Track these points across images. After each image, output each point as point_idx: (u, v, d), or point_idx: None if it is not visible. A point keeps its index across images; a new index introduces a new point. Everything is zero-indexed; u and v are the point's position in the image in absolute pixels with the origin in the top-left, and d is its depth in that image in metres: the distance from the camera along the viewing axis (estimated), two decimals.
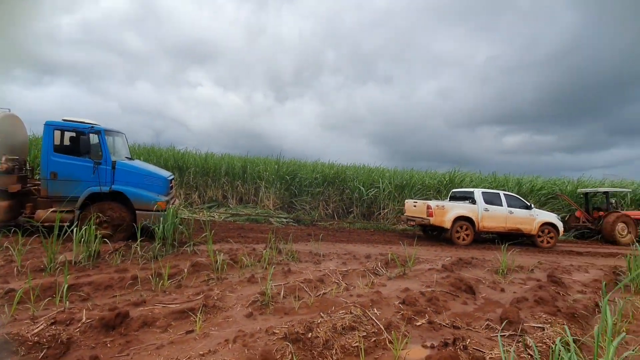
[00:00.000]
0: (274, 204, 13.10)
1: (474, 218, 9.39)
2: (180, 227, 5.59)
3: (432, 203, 9.36)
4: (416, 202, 10.05)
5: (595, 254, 9.06)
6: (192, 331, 2.85)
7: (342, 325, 2.86)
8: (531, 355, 2.54)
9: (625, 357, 2.51)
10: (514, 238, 9.82)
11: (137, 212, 6.23)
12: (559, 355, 1.90)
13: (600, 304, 3.73)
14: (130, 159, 7.58)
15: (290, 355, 2.34)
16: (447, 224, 9.13)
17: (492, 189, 12.38)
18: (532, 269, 6.07)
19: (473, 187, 13.60)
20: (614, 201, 13.07)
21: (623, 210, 12.60)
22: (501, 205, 9.78)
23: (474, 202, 9.70)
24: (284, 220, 11.70)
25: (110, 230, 6.03)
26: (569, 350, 1.98)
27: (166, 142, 15.45)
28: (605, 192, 12.82)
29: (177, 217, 5.87)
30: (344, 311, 3.19)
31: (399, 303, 3.66)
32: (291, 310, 3.36)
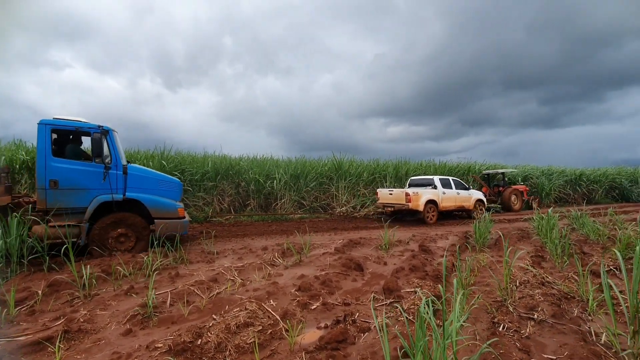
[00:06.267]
0: None
1: (437, 200, 11.17)
2: (29, 240, 4.48)
3: (409, 190, 10.54)
4: (392, 190, 11.17)
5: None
6: None
7: (236, 323, 2.75)
8: (406, 317, 2.92)
9: (474, 305, 3.12)
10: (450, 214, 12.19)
11: (155, 221, 5.72)
12: (424, 312, 2.21)
13: (456, 265, 4.54)
14: (129, 162, 6.25)
15: None
16: (421, 207, 10.62)
17: (395, 175, 15.18)
18: (408, 242, 7.02)
19: (359, 172, 14.94)
20: (506, 179, 16.44)
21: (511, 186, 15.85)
22: (452, 188, 11.80)
23: (434, 187, 11.32)
24: None
25: (131, 243, 5.57)
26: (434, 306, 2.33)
27: (15, 137, 11.56)
28: (502, 173, 16.13)
29: (23, 227, 4.70)
30: (238, 309, 3.07)
31: (295, 290, 3.73)
32: (180, 318, 3.07)
